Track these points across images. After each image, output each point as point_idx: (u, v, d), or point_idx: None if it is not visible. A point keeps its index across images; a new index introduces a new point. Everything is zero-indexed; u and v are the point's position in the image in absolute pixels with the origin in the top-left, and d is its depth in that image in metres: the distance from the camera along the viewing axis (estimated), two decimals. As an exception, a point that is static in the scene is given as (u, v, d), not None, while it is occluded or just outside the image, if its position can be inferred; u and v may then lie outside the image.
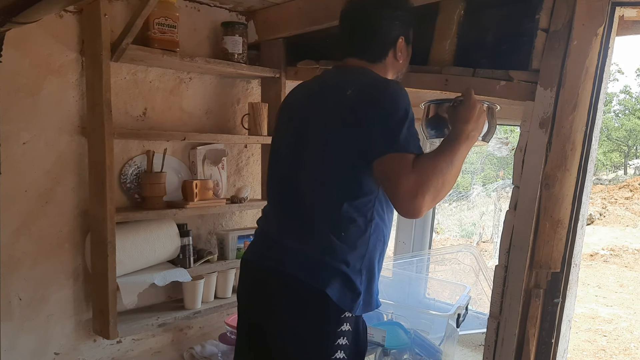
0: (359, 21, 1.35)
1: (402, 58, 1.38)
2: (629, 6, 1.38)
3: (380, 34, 1.34)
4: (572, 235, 1.46)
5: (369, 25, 1.34)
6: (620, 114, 16.28)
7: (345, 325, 1.22)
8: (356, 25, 1.35)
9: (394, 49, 1.34)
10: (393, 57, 1.35)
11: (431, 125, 1.48)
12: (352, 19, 1.37)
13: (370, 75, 1.31)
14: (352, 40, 1.36)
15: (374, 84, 1.27)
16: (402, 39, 1.34)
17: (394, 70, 1.39)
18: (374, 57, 1.35)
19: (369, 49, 1.35)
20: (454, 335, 1.87)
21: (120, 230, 1.71)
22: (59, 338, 1.77)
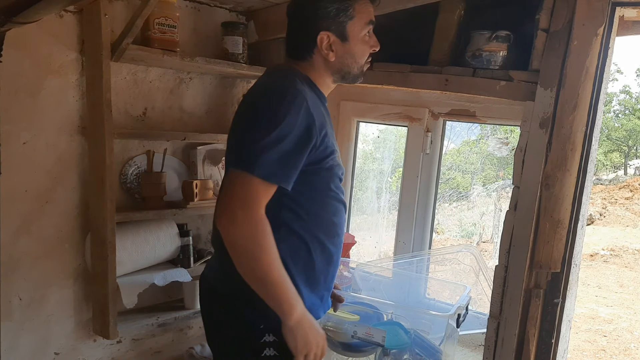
0: (287, 16, 1.30)
1: (335, 56, 1.25)
2: (629, 6, 1.38)
3: (298, 30, 1.28)
4: (572, 236, 1.46)
5: (290, 21, 1.29)
6: (620, 114, 16.28)
7: (268, 335, 1.18)
8: (287, 20, 1.30)
9: (317, 47, 1.24)
10: (320, 55, 1.25)
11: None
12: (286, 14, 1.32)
13: (270, 78, 1.25)
14: (285, 37, 1.32)
15: (257, 89, 1.22)
16: (326, 35, 1.22)
17: (330, 70, 1.28)
18: (297, 56, 1.28)
19: (291, 47, 1.30)
20: (454, 336, 1.87)
21: (121, 230, 1.71)
22: (59, 338, 1.77)
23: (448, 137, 2.28)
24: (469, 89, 1.66)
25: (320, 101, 1.26)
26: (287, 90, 1.14)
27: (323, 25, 1.23)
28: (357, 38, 1.25)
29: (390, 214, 4.70)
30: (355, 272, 2.26)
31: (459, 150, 9.17)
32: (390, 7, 1.66)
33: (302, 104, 1.12)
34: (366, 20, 1.26)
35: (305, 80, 1.23)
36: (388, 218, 4.71)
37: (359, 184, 4.59)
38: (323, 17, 1.22)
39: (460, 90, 1.70)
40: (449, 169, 8.76)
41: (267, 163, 1.08)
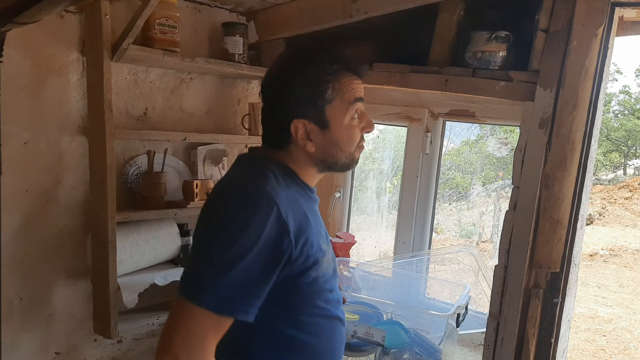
0: (261, 98, 1.13)
1: (315, 146, 1.04)
2: (628, 7, 1.38)
3: (271, 116, 1.09)
4: (572, 235, 1.47)
5: (263, 104, 1.11)
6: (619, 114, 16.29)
7: None
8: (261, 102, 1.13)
9: (290, 137, 1.04)
10: (297, 145, 1.05)
11: None
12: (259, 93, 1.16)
13: (238, 172, 1.08)
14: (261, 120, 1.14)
15: (221, 186, 1.05)
16: (300, 123, 1.02)
17: (312, 161, 1.08)
18: (273, 144, 1.09)
19: (266, 133, 1.11)
20: (454, 335, 1.88)
21: (121, 230, 1.71)
22: (59, 338, 1.78)
23: (448, 137, 2.28)
24: (469, 89, 1.67)
25: (303, 193, 1.08)
26: (251, 195, 0.94)
27: (297, 113, 1.03)
28: (342, 123, 1.05)
29: (390, 213, 4.70)
30: (355, 271, 2.27)
31: (459, 150, 9.17)
32: (390, 7, 1.66)
33: (270, 212, 0.92)
34: (350, 100, 1.04)
35: (282, 171, 1.05)
36: (388, 218, 4.71)
37: (359, 184, 4.60)
38: (296, 103, 1.03)
39: (459, 91, 1.70)
40: (448, 169, 8.77)
41: (218, 290, 0.89)
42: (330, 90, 1.03)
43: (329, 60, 1.04)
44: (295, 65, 1.05)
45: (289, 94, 1.04)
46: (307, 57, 1.05)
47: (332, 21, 1.82)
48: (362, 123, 1.09)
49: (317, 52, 1.06)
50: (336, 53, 1.06)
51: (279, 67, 1.08)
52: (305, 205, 1.05)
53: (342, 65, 1.05)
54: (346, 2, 1.76)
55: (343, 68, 1.05)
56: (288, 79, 1.04)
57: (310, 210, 1.07)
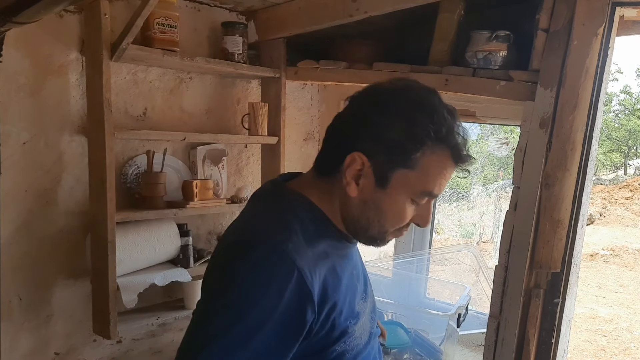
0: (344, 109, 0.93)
1: (357, 193, 0.86)
2: (629, 6, 1.38)
3: (342, 131, 0.89)
4: (572, 235, 1.46)
5: (345, 113, 0.91)
6: (620, 114, 16.29)
7: None
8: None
9: (342, 165, 0.86)
10: (340, 179, 0.87)
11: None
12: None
13: (251, 216, 0.91)
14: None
15: (229, 238, 0.89)
16: (359, 157, 0.84)
17: (344, 209, 0.90)
18: (321, 162, 0.93)
19: (323, 147, 0.93)
20: (454, 335, 1.87)
21: (121, 230, 1.71)
22: (59, 338, 1.77)
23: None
24: (469, 89, 1.66)
25: (337, 244, 0.91)
26: (268, 256, 0.78)
27: (366, 147, 0.84)
28: (399, 196, 0.86)
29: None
30: (355, 272, 2.26)
31: (459, 150, 9.17)
32: (390, 6, 1.66)
33: (290, 278, 0.77)
34: (427, 186, 0.85)
35: (314, 218, 0.88)
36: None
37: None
38: (373, 137, 0.84)
39: (460, 90, 1.70)
40: (449, 169, 8.76)
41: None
42: (418, 155, 0.82)
43: (442, 127, 0.83)
44: (407, 100, 0.85)
45: (374, 123, 0.84)
46: (424, 103, 0.84)
47: (332, 20, 1.82)
48: (419, 213, 0.89)
49: (437, 108, 0.84)
50: (455, 128, 0.84)
51: (387, 89, 0.87)
52: (337, 260, 0.89)
53: (449, 144, 0.84)
54: (346, 2, 1.75)
55: (448, 147, 0.84)
56: (387, 107, 0.84)
57: (343, 264, 0.91)
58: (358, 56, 1.96)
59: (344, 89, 2.40)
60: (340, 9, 1.78)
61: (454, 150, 0.85)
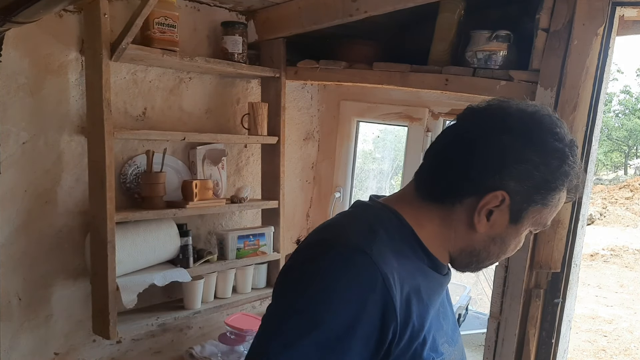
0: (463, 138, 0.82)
1: (485, 229, 0.80)
2: (629, 6, 1.38)
3: (462, 162, 0.79)
4: (573, 236, 1.46)
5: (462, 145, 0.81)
6: (620, 113, 16.29)
7: None
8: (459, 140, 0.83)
9: (477, 200, 0.78)
10: (466, 214, 0.79)
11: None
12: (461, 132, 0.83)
13: (339, 218, 0.86)
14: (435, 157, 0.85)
15: (311, 236, 0.82)
16: (502, 196, 0.77)
17: (460, 241, 0.82)
18: (430, 190, 0.83)
19: (431, 176, 0.84)
20: (454, 336, 1.87)
21: (120, 230, 1.71)
22: (58, 338, 1.77)
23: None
24: (469, 88, 1.66)
25: (427, 271, 0.82)
26: (352, 255, 0.71)
27: (510, 185, 0.77)
28: (525, 230, 0.83)
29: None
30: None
31: (459, 150, 9.17)
32: (390, 6, 1.66)
33: (373, 285, 0.69)
34: (548, 220, 0.83)
35: (402, 234, 0.80)
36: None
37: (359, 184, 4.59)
38: (518, 176, 0.76)
39: (460, 90, 1.70)
40: (449, 169, 8.76)
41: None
42: (554, 195, 0.80)
43: (576, 165, 0.80)
44: (549, 133, 0.77)
45: (521, 159, 0.76)
46: (563, 137, 0.78)
47: (332, 20, 1.82)
48: (518, 244, 0.86)
49: (572, 142, 0.80)
50: (580, 172, 0.83)
51: (520, 114, 0.79)
52: (424, 284, 0.79)
53: (573, 184, 0.82)
54: (346, 1, 1.75)
55: (571, 188, 0.83)
56: (531, 141, 0.77)
57: (432, 294, 0.81)
58: (358, 56, 1.96)
59: (343, 89, 2.40)
60: (340, 9, 1.78)
61: (571, 190, 0.84)
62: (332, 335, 0.67)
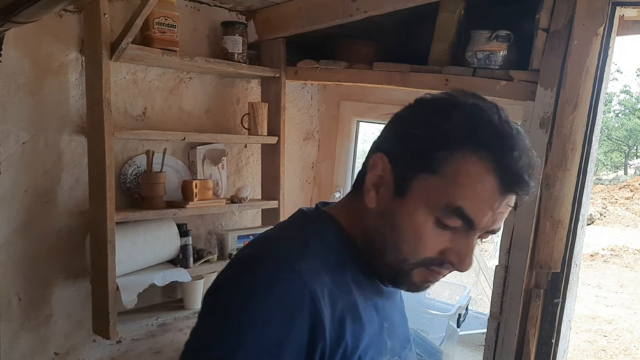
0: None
1: (375, 203, 0.72)
2: (629, 6, 1.38)
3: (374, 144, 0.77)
4: (573, 236, 1.46)
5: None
6: (620, 113, 16.29)
7: None
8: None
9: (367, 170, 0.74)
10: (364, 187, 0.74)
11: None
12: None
13: (274, 230, 0.81)
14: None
15: (241, 250, 0.79)
16: (380, 158, 0.72)
17: (364, 228, 0.75)
18: (355, 181, 0.80)
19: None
20: (455, 336, 1.87)
21: (120, 230, 1.71)
22: (58, 338, 1.77)
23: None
24: (469, 88, 1.62)
25: (365, 281, 0.75)
26: (279, 271, 0.66)
27: (389, 147, 0.72)
28: (419, 210, 0.68)
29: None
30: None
31: (459, 150, 9.17)
32: (390, 6, 1.66)
33: (300, 304, 0.64)
34: (453, 199, 0.66)
35: (340, 244, 0.75)
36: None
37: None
38: (397, 135, 0.73)
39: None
40: (449, 169, 8.76)
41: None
42: (441, 156, 0.66)
43: (484, 131, 0.67)
44: (448, 100, 0.72)
45: (403, 121, 0.73)
46: (467, 104, 0.71)
47: (332, 20, 1.82)
48: (453, 246, 0.69)
49: (483, 111, 0.70)
50: (511, 144, 0.67)
51: (432, 95, 0.76)
52: (364, 299, 0.74)
53: (493, 156, 0.66)
54: (346, 1, 1.75)
55: (490, 159, 0.66)
56: (422, 106, 0.74)
57: (368, 308, 0.74)
58: (358, 56, 1.96)
59: (343, 89, 2.40)
60: (340, 9, 1.78)
61: (500, 166, 0.65)
62: (256, 356, 0.62)
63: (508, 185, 0.66)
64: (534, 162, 0.68)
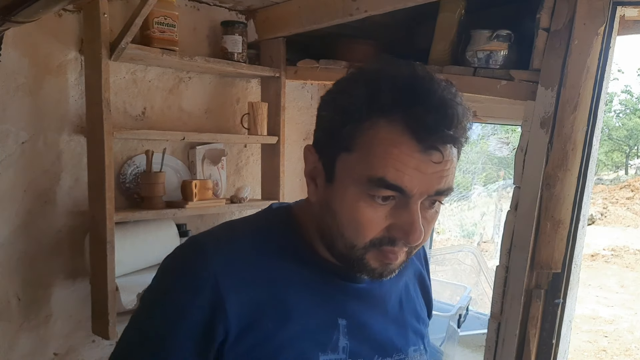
0: None
1: (316, 197, 0.72)
2: (630, 6, 1.37)
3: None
4: (573, 236, 1.46)
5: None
6: (621, 113, 16.27)
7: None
8: None
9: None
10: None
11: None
12: None
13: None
14: None
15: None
16: (308, 149, 0.72)
17: (314, 224, 0.74)
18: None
19: None
20: (455, 336, 1.87)
21: (120, 230, 1.70)
22: (57, 338, 1.77)
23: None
24: (470, 88, 1.66)
25: (312, 271, 0.73)
26: (187, 253, 0.71)
27: (314, 137, 0.72)
28: (348, 190, 0.66)
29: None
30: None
31: (460, 150, 9.15)
32: (390, 5, 1.65)
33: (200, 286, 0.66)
34: (373, 171, 0.63)
35: (287, 239, 0.74)
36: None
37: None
38: (317, 122, 0.71)
39: (460, 90, 1.67)
40: (449, 169, 8.76)
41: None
42: (348, 131, 0.64)
43: (384, 94, 0.63)
44: (354, 73, 0.70)
45: (319, 107, 0.72)
46: (369, 72, 0.67)
47: (332, 20, 1.81)
48: (396, 221, 0.65)
49: (385, 74, 0.65)
50: (415, 95, 0.62)
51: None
52: (308, 292, 0.72)
53: (401, 114, 0.62)
54: (346, 1, 1.75)
55: (398, 118, 0.62)
56: (334, 85, 0.72)
57: (317, 301, 0.72)
58: (358, 55, 1.95)
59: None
60: (340, 8, 1.77)
61: (410, 120, 0.61)
62: (157, 332, 0.67)
63: (424, 140, 0.61)
64: (455, 112, 0.63)
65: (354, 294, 0.76)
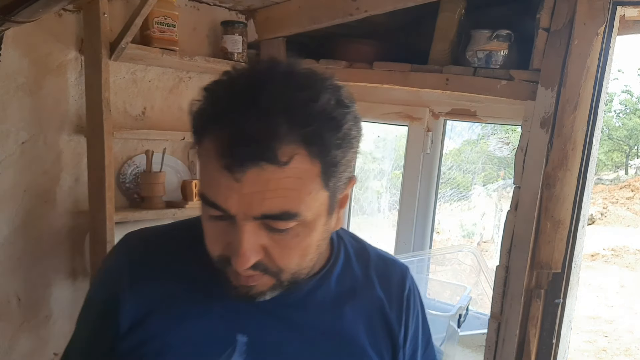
0: None
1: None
2: (630, 5, 1.37)
3: None
4: (573, 236, 1.46)
5: None
6: (621, 113, 16.25)
7: None
8: None
9: None
10: None
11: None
12: None
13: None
14: None
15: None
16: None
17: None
18: None
19: None
20: (455, 336, 1.87)
21: (120, 230, 1.70)
22: (57, 338, 1.77)
23: (449, 137, 2.27)
24: (470, 88, 1.66)
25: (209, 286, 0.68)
26: (118, 245, 0.76)
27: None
28: (202, 207, 0.64)
29: (391, 213, 4.69)
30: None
31: (460, 150, 9.15)
32: (391, 5, 1.66)
33: (113, 274, 0.71)
34: (201, 188, 0.63)
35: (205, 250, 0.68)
36: (388, 218, 4.70)
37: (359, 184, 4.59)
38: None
39: (460, 90, 1.69)
40: (449, 169, 8.75)
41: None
42: (196, 149, 0.63)
43: (210, 107, 0.62)
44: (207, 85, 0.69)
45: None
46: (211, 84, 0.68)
47: (332, 20, 1.81)
48: (230, 239, 0.61)
49: (209, 91, 0.65)
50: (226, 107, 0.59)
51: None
52: (207, 302, 0.68)
53: (217, 132, 0.59)
54: (346, 1, 1.75)
55: (215, 136, 0.59)
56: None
57: (217, 313, 0.68)
58: (358, 55, 1.95)
59: (344, 89, 2.39)
60: (340, 8, 1.78)
61: (216, 141, 0.58)
62: (79, 327, 0.78)
63: (222, 159, 0.57)
64: (273, 128, 0.55)
65: (265, 310, 0.68)
